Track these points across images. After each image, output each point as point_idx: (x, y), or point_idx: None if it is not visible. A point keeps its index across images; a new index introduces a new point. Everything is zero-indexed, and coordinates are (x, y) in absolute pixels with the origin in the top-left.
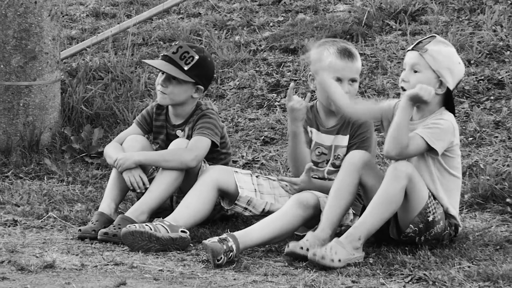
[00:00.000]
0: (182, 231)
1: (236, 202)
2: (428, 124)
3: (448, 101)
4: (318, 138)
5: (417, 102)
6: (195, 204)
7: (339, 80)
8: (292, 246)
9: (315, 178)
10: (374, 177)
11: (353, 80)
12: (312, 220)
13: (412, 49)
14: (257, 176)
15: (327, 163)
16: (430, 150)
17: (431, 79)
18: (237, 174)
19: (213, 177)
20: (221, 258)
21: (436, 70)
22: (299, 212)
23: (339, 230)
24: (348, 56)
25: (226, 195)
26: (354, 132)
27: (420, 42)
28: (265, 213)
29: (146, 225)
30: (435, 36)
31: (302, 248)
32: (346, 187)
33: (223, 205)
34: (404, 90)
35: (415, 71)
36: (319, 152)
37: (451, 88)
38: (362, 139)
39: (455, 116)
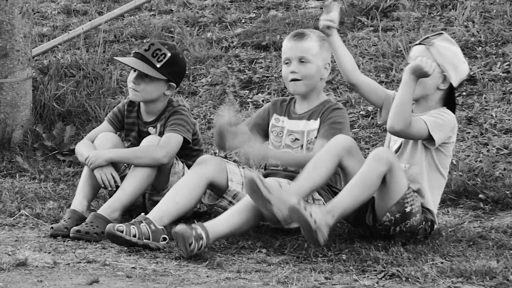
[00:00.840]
0: (163, 238)
1: (224, 195)
2: (432, 113)
3: (450, 100)
4: (290, 125)
5: (419, 75)
6: (184, 199)
7: (287, 61)
8: (256, 175)
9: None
10: (356, 162)
11: (302, 60)
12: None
13: (419, 43)
14: (243, 168)
15: (301, 148)
16: (428, 140)
17: (436, 73)
18: (228, 164)
19: (207, 172)
20: (192, 243)
21: (441, 64)
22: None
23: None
24: (296, 36)
25: (213, 189)
26: (325, 117)
27: (427, 37)
28: None
29: (133, 227)
30: (443, 33)
31: (262, 181)
32: (323, 164)
33: (204, 201)
34: None
35: None
36: (292, 138)
37: (454, 84)
38: (333, 122)
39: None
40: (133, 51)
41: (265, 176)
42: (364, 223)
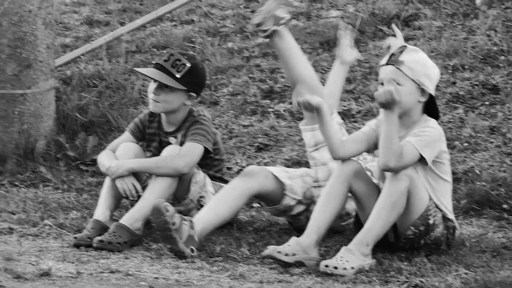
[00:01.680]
0: (191, 249)
1: (285, 192)
2: (416, 132)
3: (430, 106)
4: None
5: (390, 106)
6: (220, 209)
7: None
8: (271, 249)
9: None
10: (365, 185)
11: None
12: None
13: (387, 64)
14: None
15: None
16: (420, 160)
17: (413, 89)
18: (276, 168)
19: (251, 185)
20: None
21: (416, 80)
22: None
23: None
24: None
25: (264, 199)
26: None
27: (392, 55)
28: (306, 198)
29: (178, 216)
30: (406, 46)
31: (280, 252)
32: (334, 196)
33: (265, 211)
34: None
35: (398, 84)
36: None
37: (433, 93)
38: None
39: (442, 121)
40: (153, 62)
41: None
42: (384, 242)
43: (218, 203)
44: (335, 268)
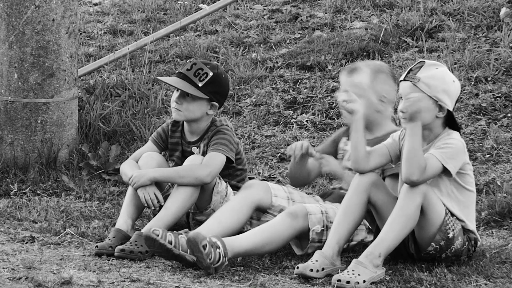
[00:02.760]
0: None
1: (268, 210)
2: (440, 145)
3: (450, 120)
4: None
5: (415, 117)
6: (228, 220)
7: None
8: (302, 268)
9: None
10: (383, 195)
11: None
12: (302, 232)
13: (405, 80)
14: (287, 186)
15: None
16: (443, 172)
17: (430, 106)
18: (271, 184)
19: (252, 197)
20: (207, 246)
21: (433, 96)
22: (288, 221)
23: (346, 245)
24: (348, 70)
25: (259, 210)
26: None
27: (410, 70)
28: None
29: (169, 234)
30: (424, 61)
31: (312, 270)
32: (353, 206)
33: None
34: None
35: None
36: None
37: (450, 109)
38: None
39: (460, 134)
40: (176, 71)
41: (322, 196)
42: (403, 254)
43: (222, 215)
44: (348, 282)
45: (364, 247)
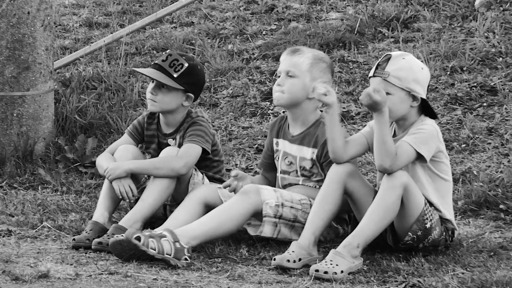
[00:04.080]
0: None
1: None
2: (412, 131)
3: (426, 107)
4: (286, 148)
5: (377, 107)
6: (182, 217)
7: (279, 74)
8: (279, 259)
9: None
10: (360, 185)
11: (289, 74)
12: (256, 208)
13: (374, 76)
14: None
15: (296, 173)
16: (418, 158)
17: (404, 97)
18: (221, 190)
19: (199, 194)
20: (140, 237)
21: (405, 88)
22: (239, 198)
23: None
24: (290, 51)
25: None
26: (323, 150)
27: (378, 65)
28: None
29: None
30: (390, 54)
31: (289, 261)
32: (330, 196)
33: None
34: None
35: (387, 94)
36: (288, 162)
37: (423, 96)
38: None
39: (439, 122)
40: (152, 63)
41: (284, 187)
42: (382, 244)
43: (180, 213)
44: (325, 273)
45: (342, 238)
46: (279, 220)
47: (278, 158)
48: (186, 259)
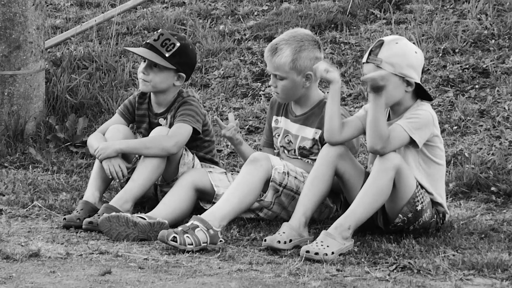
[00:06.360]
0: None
1: (213, 200)
2: (408, 116)
3: (421, 91)
4: (287, 126)
5: (377, 89)
6: (173, 202)
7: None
8: (270, 240)
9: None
10: (350, 167)
11: (276, 77)
12: (268, 175)
13: (367, 62)
14: (231, 173)
15: (294, 152)
16: (411, 143)
17: (398, 83)
18: (212, 174)
19: (189, 178)
20: (176, 237)
21: (399, 73)
22: (251, 167)
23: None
24: (270, 50)
25: (204, 195)
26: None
27: (371, 51)
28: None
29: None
30: (383, 40)
31: (279, 242)
32: (320, 177)
33: (203, 206)
34: None
35: None
36: (288, 140)
37: (418, 81)
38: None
39: (432, 104)
40: (144, 42)
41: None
42: (373, 226)
43: (170, 199)
44: (316, 254)
45: (333, 219)
46: (283, 189)
47: (279, 135)
48: (221, 241)
